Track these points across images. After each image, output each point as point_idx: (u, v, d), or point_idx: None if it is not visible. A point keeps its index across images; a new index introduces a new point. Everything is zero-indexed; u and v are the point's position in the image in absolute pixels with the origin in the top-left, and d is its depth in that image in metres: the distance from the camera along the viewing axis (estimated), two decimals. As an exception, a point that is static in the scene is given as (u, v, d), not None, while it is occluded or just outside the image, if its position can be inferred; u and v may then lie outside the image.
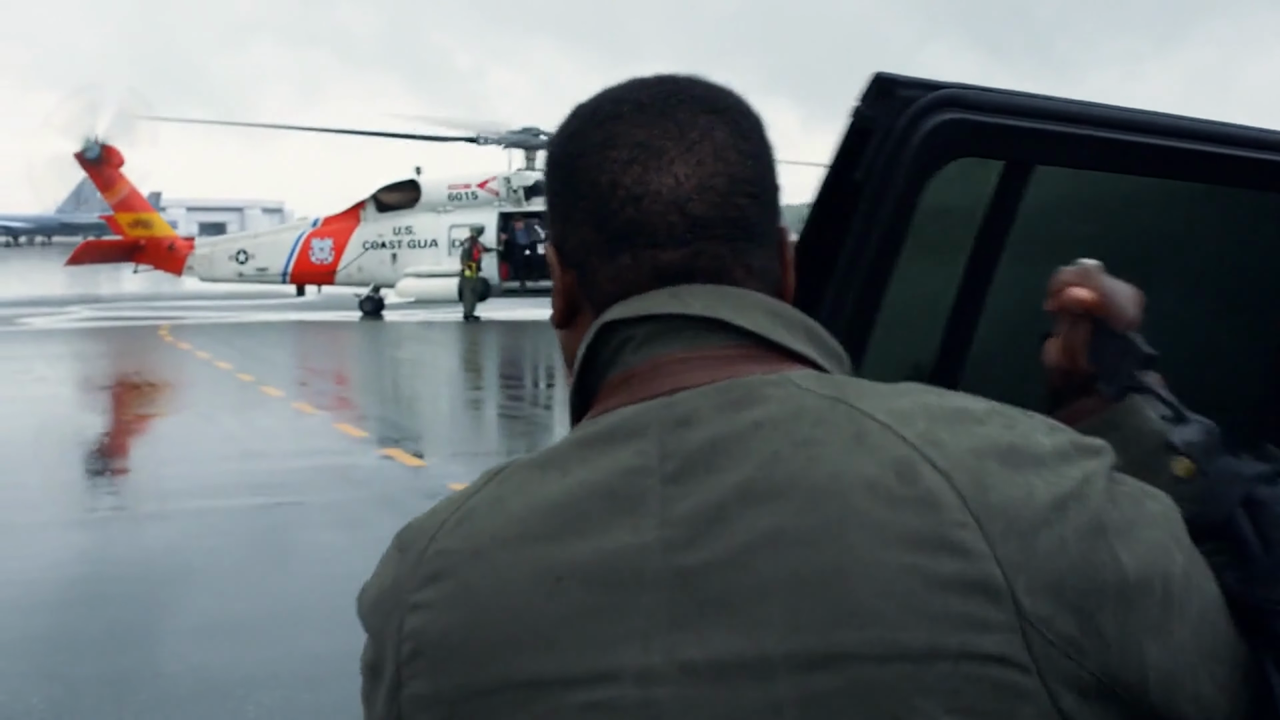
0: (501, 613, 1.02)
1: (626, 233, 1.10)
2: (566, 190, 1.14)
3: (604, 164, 1.11)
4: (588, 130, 1.13)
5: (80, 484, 11.31)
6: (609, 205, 1.11)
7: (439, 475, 11.09)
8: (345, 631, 6.33)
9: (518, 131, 33.34)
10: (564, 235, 1.15)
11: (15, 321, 29.88)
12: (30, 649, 6.54)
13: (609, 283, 1.12)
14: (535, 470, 1.07)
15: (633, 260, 1.11)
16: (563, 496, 1.04)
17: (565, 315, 1.17)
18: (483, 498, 1.07)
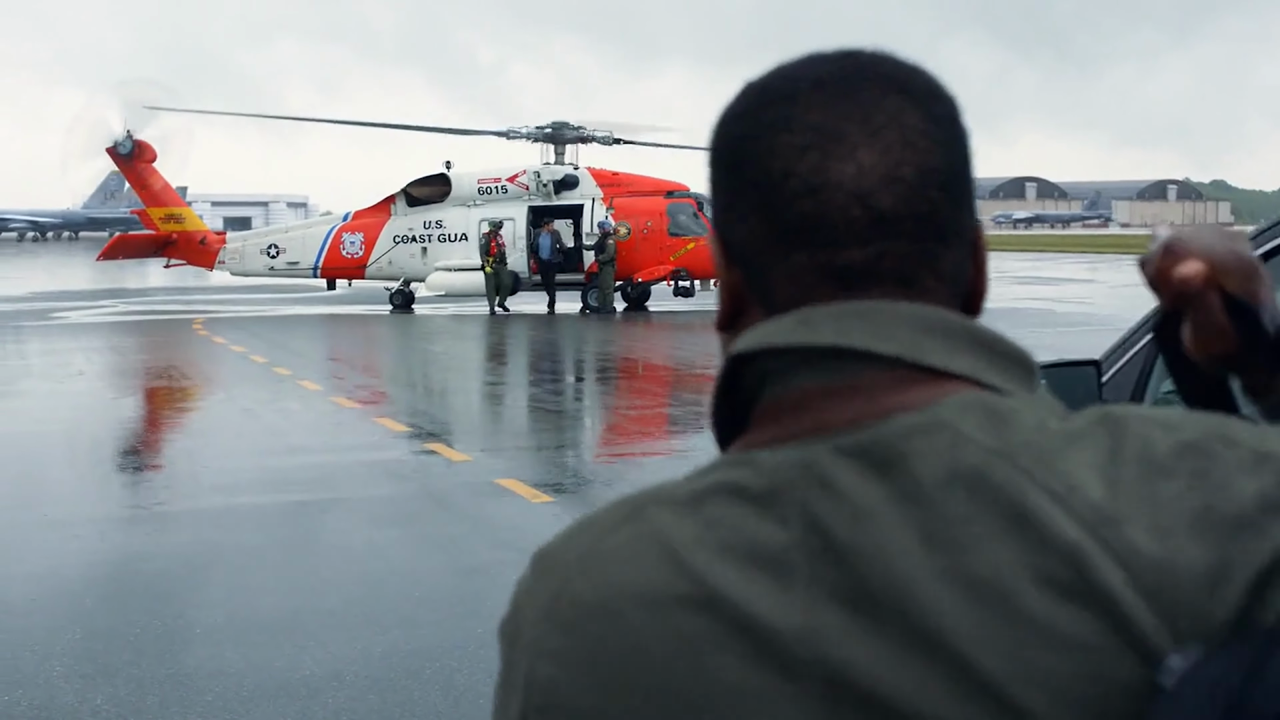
0: (639, 686, 0.93)
1: (801, 228, 0.98)
2: (732, 178, 1.03)
3: (776, 150, 0.99)
4: (758, 111, 1.02)
5: (124, 479, 11.30)
6: (782, 196, 0.99)
7: (483, 470, 11.04)
8: (402, 630, 6.31)
9: (546, 126, 33.32)
10: (729, 227, 1.04)
11: (50, 315, 29.99)
12: (91, 647, 6.50)
13: (783, 284, 1.00)
14: (677, 514, 0.96)
15: (809, 260, 0.99)
16: (703, 555, 0.94)
17: (729, 316, 1.06)
18: (620, 541, 0.97)
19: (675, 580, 0.93)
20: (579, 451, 12.74)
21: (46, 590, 7.48)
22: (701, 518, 0.95)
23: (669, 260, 31.12)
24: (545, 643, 0.96)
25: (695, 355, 21.58)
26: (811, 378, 0.98)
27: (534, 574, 1.01)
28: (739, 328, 1.04)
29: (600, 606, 0.94)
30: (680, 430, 14.08)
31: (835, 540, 0.92)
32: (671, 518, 0.96)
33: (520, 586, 1.02)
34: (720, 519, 0.94)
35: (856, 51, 1.04)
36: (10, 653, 6.41)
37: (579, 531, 1.01)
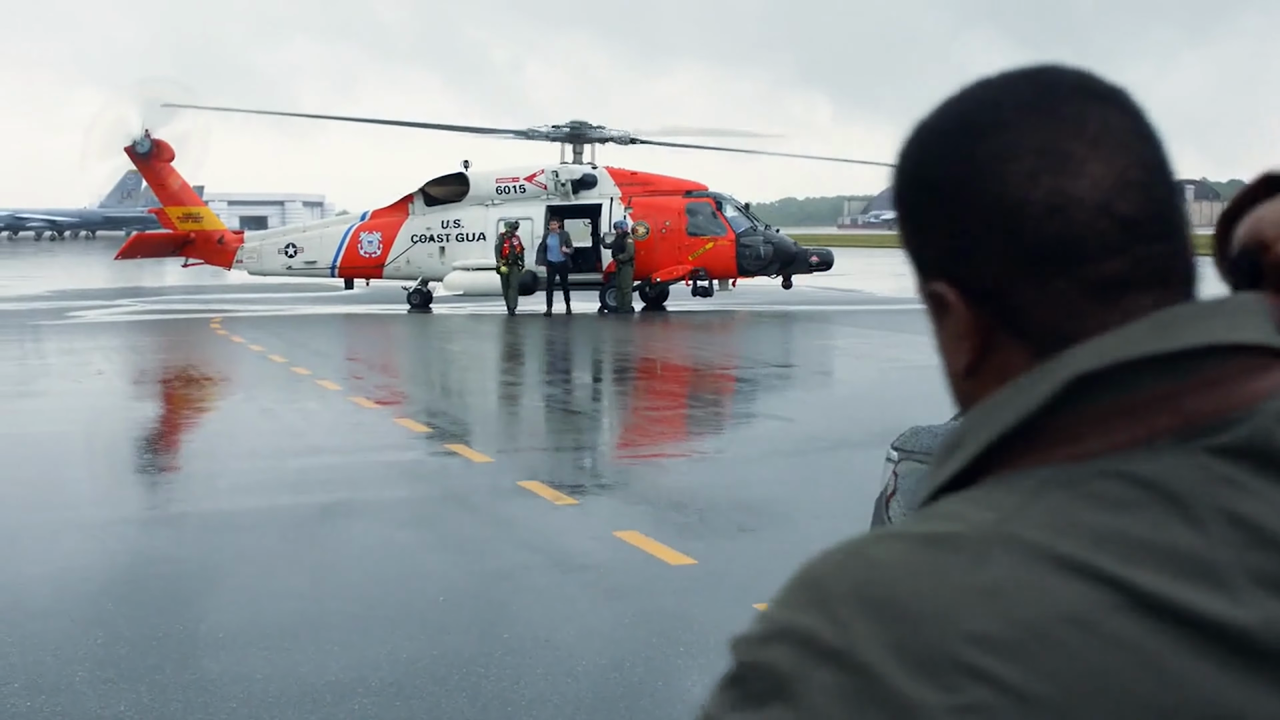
0: (1102, 709, 0.86)
1: (1054, 251, 0.98)
2: (959, 219, 1.01)
3: (1006, 180, 0.99)
4: (971, 146, 1.01)
5: (144, 480, 11.24)
6: (1025, 224, 0.98)
7: (505, 471, 10.96)
8: (427, 636, 6.20)
9: (565, 125, 33.25)
10: (963, 267, 1.01)
11: (68, 315, 29.99)
12: (113, 652, 6.42)
13: (1043, 310, 0.99)
14: (1054, 533, 0.90)
15: (1068, 280, 0.98)
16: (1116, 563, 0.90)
17: (977, 359, 1.03)
18: (1002, 571, 0.89)
19: (1096, 593, 0.88)
20: (600, 453, 12.64)
21: (67, 593, 7.40)
22: (1087, 532, 0.90)
23: (687, 260, 31.02)
24: (956, 697, 0.85)
25: (714, 355, 21.49)
26: (1158, 379, 0.96)
27: (862, 619, 0.89)
28: (989, 368, 1.02)
29: (1030, 637, 0.87)
30: (701, 432, 13.98)
31: (1265, 533, 0.90)
32: (1049, 536, 0.91)
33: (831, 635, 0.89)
34: (1115, 529, 0.91)
35: (1036, 69, 1.04)
36: (32, 657, 6.33)
37: (917, 572, 0.90)
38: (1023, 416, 0.98)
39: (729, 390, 17.37)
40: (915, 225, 1.05)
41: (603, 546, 8.38)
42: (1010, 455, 0.98)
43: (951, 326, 1.03)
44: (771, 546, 8.40)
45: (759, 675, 0.91)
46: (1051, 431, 0.97)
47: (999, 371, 1.01)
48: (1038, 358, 0.99)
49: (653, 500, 9.81)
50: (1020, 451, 0.98)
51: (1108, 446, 0.95)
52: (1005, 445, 0.98)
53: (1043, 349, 0.99)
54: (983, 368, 1.02)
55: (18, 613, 7.02)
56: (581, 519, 9.23)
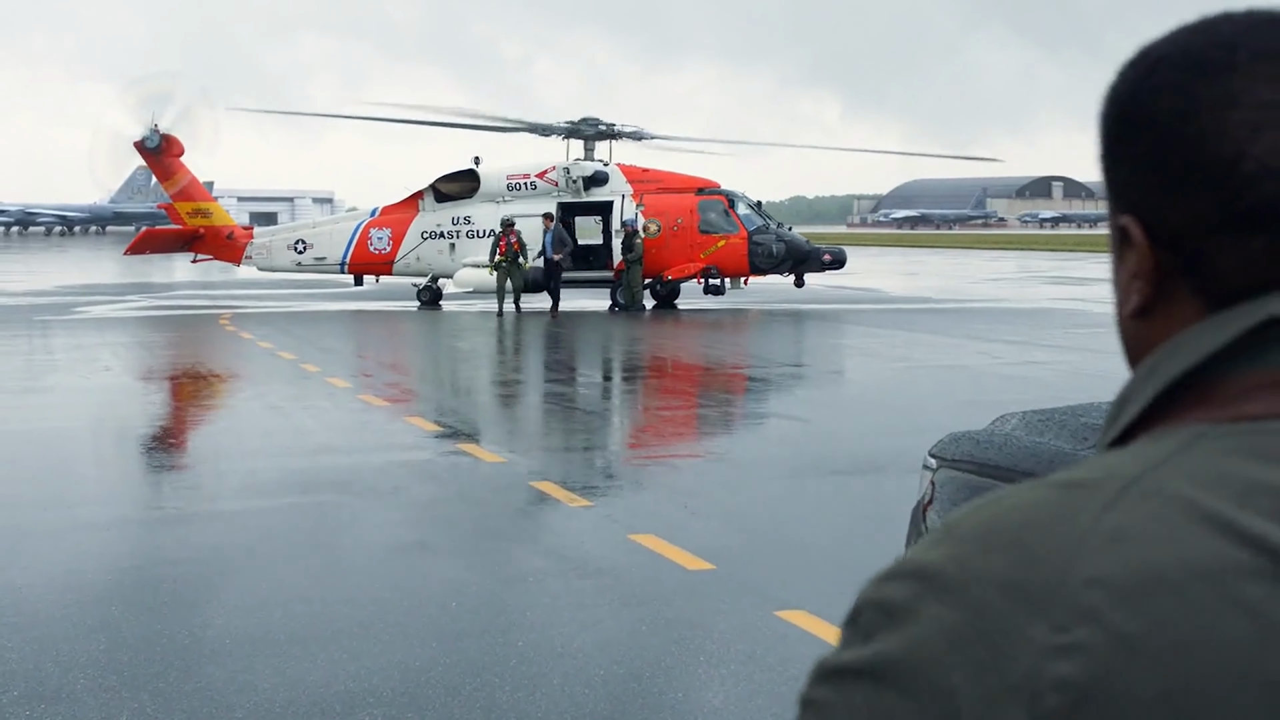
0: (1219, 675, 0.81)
1: (1262, 213, 0.93)
2: (1166, 158, 0.96)
3: (1225, 129, 0.93)
4: (1193, 84, 0.95)
5: (151, 479, 11.05)
6: (1236, 180, 0.93)
7: (517, 472, 10.77)
8: (440, 643, 5.97)
9: (577, 122, 33.06)
10: (1157, 208, 0.97)
11: (76, 310, 29.85)
12: (115, 658, 6.22)
13: (1234, 270, 0.94)
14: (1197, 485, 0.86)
15: (1267, 245, 0.93)
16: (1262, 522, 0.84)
17: (1150, 300, 0.99)
18: (1134, 516, 0.85)
19: (1233, 551, 0.83)
20: (613, 453, 12.44)
21: (70, 596, 7.21)
22: (1235, 486, 0.86)
23: (699, 258, 30.81)
24: (1048, 636, 0.83)
25: (727, 354, 21.30)
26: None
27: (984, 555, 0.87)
28: (1158, 315, 0.98)
29: (1149, 585, 0.83)
30: (715, 432, 13.79)
31: None
32: (1192, 487, 0.86)
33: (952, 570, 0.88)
34: (1270, 484, 0.85)
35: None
36: (33, 663, 6.14)
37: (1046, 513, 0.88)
38: (1196, 361, 0.94)
39: (742, 390, 17.17)
40: (1118, 154, 1.00)
41: (618, 550, 8.18)
42: (1175, 411, 0.95)
43: (1130, 264, 1.00)
44: (791, 550, 8.20)
45: (874, 610, 0.89)
46: (1220, 388, 0.93)
47: (1167, 321, 0.97)
48: (1210, 313, 0.95)
49: (668, 502, 9.62)
50: (1186, 407, 0.94)
51: (1275, 410, 0.90)
52: (1170, 401, 0.95)
53: (1218, 305, 0.95)
54: (1153, 313, 0.99)
55: (19, 616, 6.83)
56: (596, 521, 9.04)
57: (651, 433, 13.73)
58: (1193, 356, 0.94)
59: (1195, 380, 0.95)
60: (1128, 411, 0.97)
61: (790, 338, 24.86)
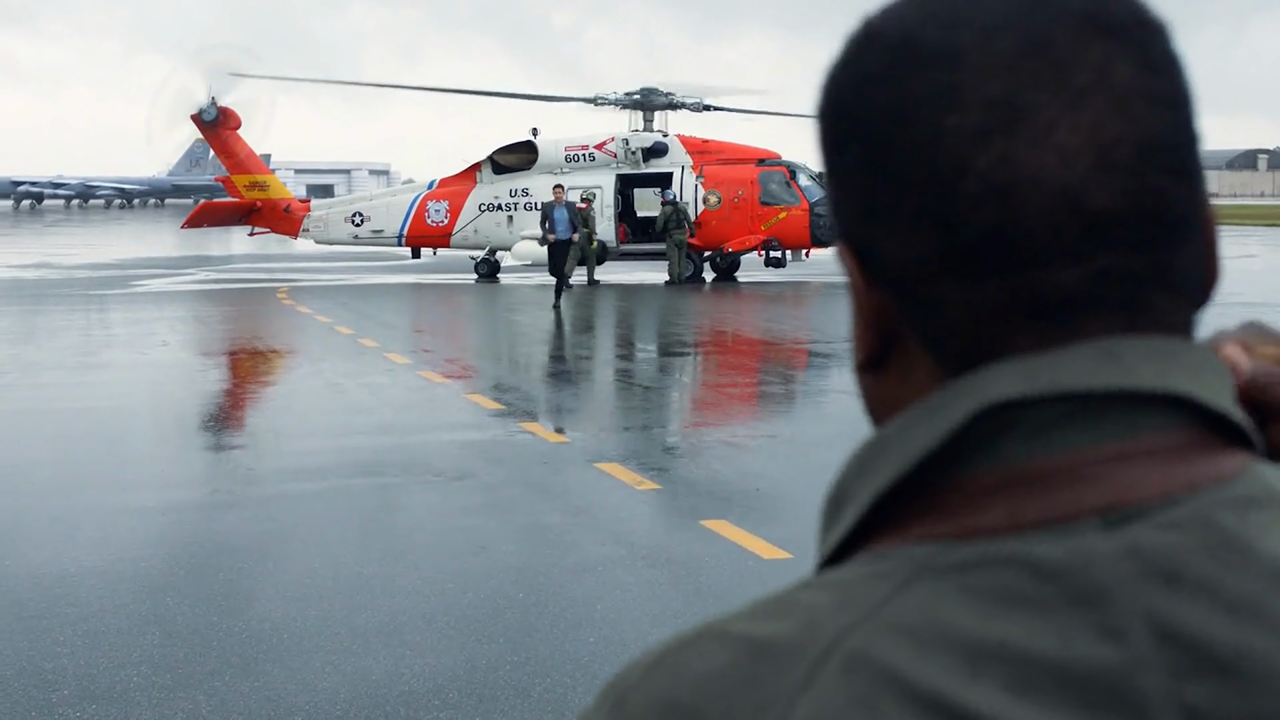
0: None
1: (989, 245, 0.73)
2: (874, 171, 0.75)
3: (942, 135, 0.73)
4: (906, 75, 0.74)
5: (208, 460, 10.80)
6: (957, 202, 0.73)
7: (582, 452, 10.45)
8: (508, 640, 5.60)
9: (635, 92, 32.66)
10: (870, 237, 0.77)
11: (134, 284, 29.81)
12: (170, 653, 5.95)
13: (962, 320, 0.74)
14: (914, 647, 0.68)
15: (1001, 287, 0.73)
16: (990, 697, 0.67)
17: (878, 353, 0.79)
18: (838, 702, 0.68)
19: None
20: (678, 433, 12.07)
21: (124, 586, 6.94)
22: (960, 648, 0.68)
23: (760, 230, 30.37)
24: None
25: (787, 328, 20.90)
26: (1091, 436, 0.73)
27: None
28: (892, 370, 0.79)
29: None
30: (783, 411, 13.42)
31: (1213, 651, 0.68)
32: (907, 655, 0.68)
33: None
34: (1001, 641, 0.68)
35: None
36: (85, 659, 5.88)
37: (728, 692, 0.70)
38: (905, 468, 0.74)
39: (808, 366, 16.78)
40: (831, 165, 0.80)
41: (691, 537, 7.84)
42: (897, 517, 0.75)
43: (855, 302, 0.80)
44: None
45: None
46: (945, 492, 0.74)
47: (903, 378, 0.78)
48: (945, 375, 0.76)
49: (738, 485, 9.26)
50: (909, 515, 0.75)
51: (1011, 522, 0.72)
52: (892, 503, 0.75)
53: (951, 366, 0.75)
54: (886, 367, 0.80)
55: (71, 608, 6.57)
56: (665, 506, 8.70)
57: (717, 411, 13.36)
58: (901, 460, 0.74)
59: (916, 480, 0.75)
60: (844, 517, 0.77)
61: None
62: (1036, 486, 0.72)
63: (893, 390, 0.79)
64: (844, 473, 0.79)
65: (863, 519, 0.76)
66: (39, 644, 6.06)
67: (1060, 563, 0.69)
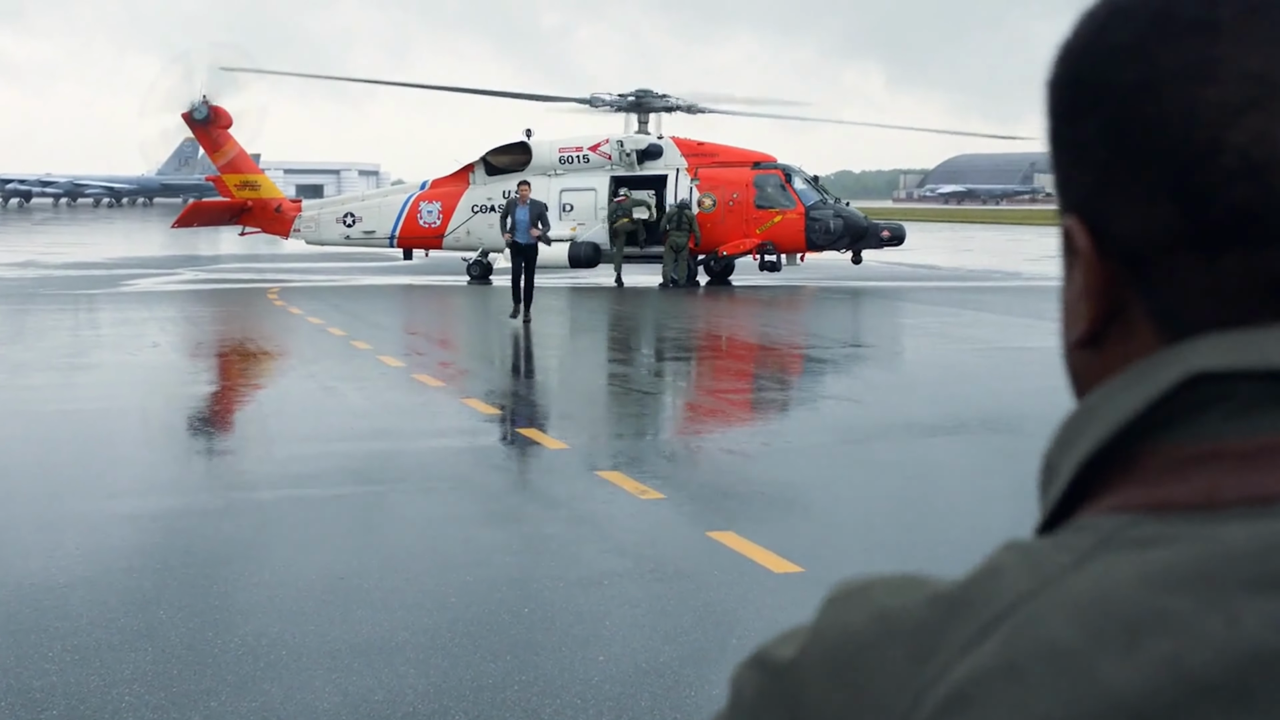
0: None
1: (1239, 221, 0.71)
2: (1118, 145, 0.74)
3: (1195, 108, 0.71)
4: (1157, 46, 0.72)
5: (201, 466, 10.56)
6: (1209, 177, 0.71)
7: (582, 460, 10.22)
8: (515, 656, 5.34)
9: (630, 94, 32.45)
10: (1108, 211, 0.75)
11: (124, 283, 29.52)
12: (164, 671, 5.71)
13: (1199, 294, 0.73)
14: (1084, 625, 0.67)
15: (1246, 263, 0.72)
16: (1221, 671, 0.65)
17: (1098, 327, 0.78)
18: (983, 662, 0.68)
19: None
20: (679, 439, 11.83)
21: (114, 598, 6.70)
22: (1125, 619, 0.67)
23: (755, 233, 30.17)
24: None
25: (784, 332, 20.70)
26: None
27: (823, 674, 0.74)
28: (1111, 344, 0.78)
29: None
30: (785, 417, 13.21)
31: None
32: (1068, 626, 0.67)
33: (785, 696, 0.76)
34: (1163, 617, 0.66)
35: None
36: (74, 676, 5.64)
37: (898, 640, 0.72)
38: (1107, 434, 0.74)
39: (805, 371, 16.57)
40: (1063, 136, 0.78)
41: (697, 549, 7.62)
42: (1100, 484, 0.75)
43: (1077, 278, 0.78)
44: (882, 550, 7.63)
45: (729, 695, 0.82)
46: (1143, 460, 0.74)
47: (1124, 351, 0.77)
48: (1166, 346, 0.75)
49: (744, 495, 9.05)
50: (1109, 481, 0.75)
51: (1207, 497, 0.70)
52: (1097, 470, 0.75)
53: (1176, 338, 0.74)
54: (1105, 341, 0.78)
55: (60, 621, 6.33)
56: (670, 516, 8.48)
57: (716, 417, 13.15)
58: (1105, 427, 0.75)
59: (1118, 447, 0.75)
60: (1055, 485, 0.77)
61: (853, 317, 24.21)
62: (1236, 464, 0.71)
63: (1108, 364, 0.79)
64: (1052, 444, 0.79)
65: (1068, 490, 0.76)
66: (27, 660, 5.82)
67: (1242, 546, 0.68)
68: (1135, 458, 0.74)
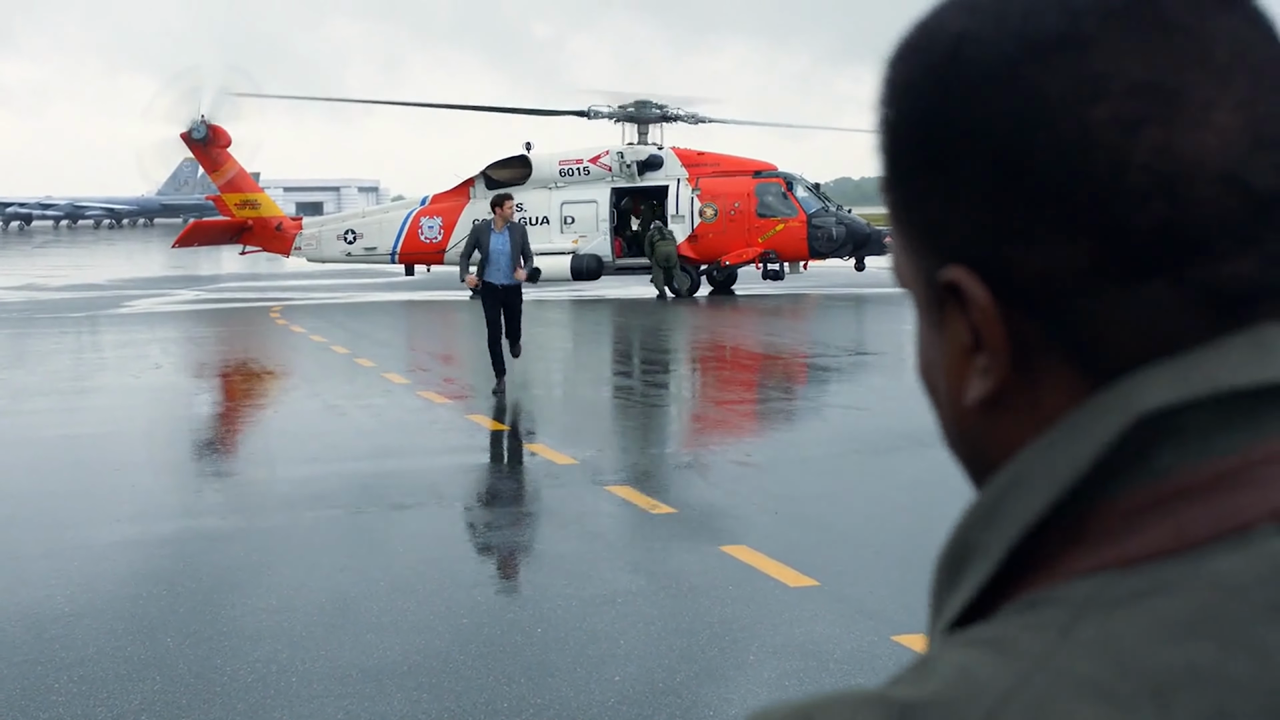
0: None
1: (1156, 244, 0.67)
2: (1006, 179, 0.68)
3: (1088, 130, 0.66)
4: (1032, 70, 0.68)
5: (204, 489, 10.46)
6: (1118, 201, 0.66)
7: (592, 475, 10.12)
8: (529, 680, 5.24)
9: (630, 105, 32.39)
10: (1003, 256, 0.69)
11: (126, 304, 29.44)
12: (173, 700, 5.62)
13: (1126, 329, 0.68)
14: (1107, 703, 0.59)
15: (1172, 285, 0.67)
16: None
17: (1000, 385, 0.71)
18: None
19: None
20: (688, 452, 11.72)
21: (121, 625, 6.60)
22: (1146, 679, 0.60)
23: (757, 242, 30.09)
24: None
25: (788, 341, 20.61)
26: (1247, 435, 0.66)
27: None
28: (1017, 402, 0.71)
29: None
30: (796, 428, 13.11)
31: None
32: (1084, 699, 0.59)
33: None
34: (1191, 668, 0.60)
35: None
36: (81, 708, 5.54)
37: None
38: (1051, 501, 0.67)
39: (812, 381, 16.46)
40: (926, 184, 0.71)
41: (711, 565, 7.52)
42: (1037, 560, 0.68)
43: (962, 334, 0.72)
44: (898, 564, 7.52)
45: None
46: (1093, 518, 0.67)
47: (1033, 408, 0.70)
48: (1094, 388, 0.69)
49: (755, 508, 8.95)
50: (1051, 553, 0.67)
51: (1180, 539, 0.64)
52: (1028, 546, 0.68)
53: (1105, 378, 0.68)
54: (1009, 401, 0.71)
55: (66, 650, 6.23)
56: (682, 531, 8.38)
57: (725, 429, 13.04)
58: (1048, 491, 0.67)
59: (1057, 510, 0.68)
60: (972, 575, 0.69)
61: (858, 324, 24.12)
62: (1201, 497, 0.66)
63: (1016, 425, 0.71)
64: (962, 527, 0.71)
65: (998, 571, 0.68)
66: (32, 691, 5.72)
67: (1241, 576, 0.62)
68: (1080, 519, 0.67)
